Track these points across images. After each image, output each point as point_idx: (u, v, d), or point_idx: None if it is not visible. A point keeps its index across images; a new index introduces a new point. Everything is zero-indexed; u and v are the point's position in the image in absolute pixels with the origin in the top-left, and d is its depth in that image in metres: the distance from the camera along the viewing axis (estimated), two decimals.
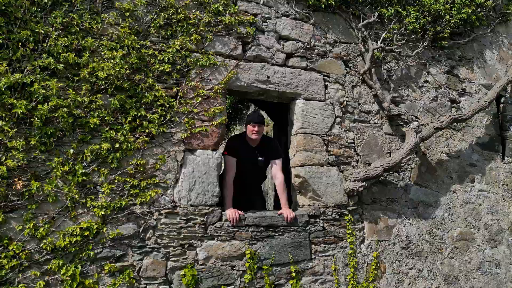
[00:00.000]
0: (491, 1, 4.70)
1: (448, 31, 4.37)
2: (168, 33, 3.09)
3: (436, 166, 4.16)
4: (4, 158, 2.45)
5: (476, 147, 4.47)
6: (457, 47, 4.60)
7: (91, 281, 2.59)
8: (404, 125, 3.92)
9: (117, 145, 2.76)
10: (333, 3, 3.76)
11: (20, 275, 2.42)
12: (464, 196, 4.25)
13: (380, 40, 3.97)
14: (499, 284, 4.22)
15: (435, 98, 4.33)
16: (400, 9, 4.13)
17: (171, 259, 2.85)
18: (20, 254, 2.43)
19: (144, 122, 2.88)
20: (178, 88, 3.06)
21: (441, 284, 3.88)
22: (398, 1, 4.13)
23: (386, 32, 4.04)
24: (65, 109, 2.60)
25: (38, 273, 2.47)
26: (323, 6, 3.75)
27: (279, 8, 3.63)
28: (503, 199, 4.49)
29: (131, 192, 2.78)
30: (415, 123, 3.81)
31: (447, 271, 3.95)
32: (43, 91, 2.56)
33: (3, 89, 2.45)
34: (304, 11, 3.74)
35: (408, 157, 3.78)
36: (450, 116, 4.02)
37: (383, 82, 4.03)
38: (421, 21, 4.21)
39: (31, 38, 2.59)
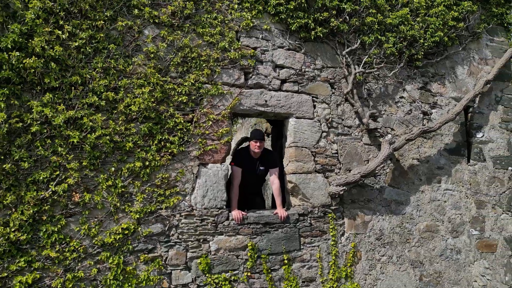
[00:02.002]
0: (463, 23, 5.38)
1: (422, 52, 5.06)
2: (184, 69, 3.80)
3: (408, 170, 4.93)
4: (64, 177, 3.22)
5: (444, 153, 5.23)
6: (430, 65, 5.29)
7: (130, 268, 3.41)
8: (380, 137, 4.67)
9: (146, 163, 3.53)
10: (321, 35, 4.45)
11: (79, 264, 3.24)
12: (431, 195, 5.05)
13: (362, 64, 4.67)
14: (459, 268, 5.06)
15: (409, 112, 5.07)
16: (380, 36, 4.81)
17: (189, 251, 3.67)
18: (79, 248, 3.24)
19: (167, 144, 3.63)
20: (193, 115, 3.80)
21: (407, 268, 4.72)
22: (378, 29, 4.80)
23: (367, 56, 4.74)
24: (107, 137, 3.36)
25: (92, 263, 3.28)
26: (312, 37, 4.43)
27: (275, 41, 4.33)
28: (466, 196, 5.29)
29: (158, 199, 3.56)
30: (389, 136, 4.56)
31: (414, 257, 4.79)
32: (91, 123, 3.31)
33: (61, 123, 3.19)
34: (296, 42, 4.43)
35: (382, 165, 4.55)
36: (420, 129, 4.77)
37: (364, 100, 4.76)
38: (398, 45, 4.89)
39: (79, 81, 3.31)
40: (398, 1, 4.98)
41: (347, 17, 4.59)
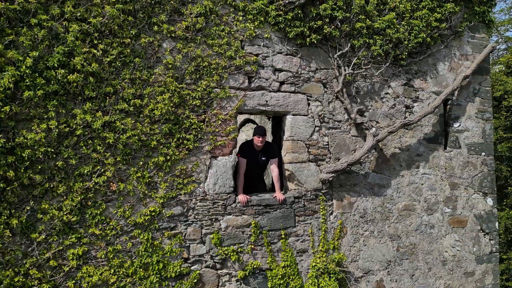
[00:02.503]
0: (446, 24, 5.95)
1: (406, 52, 5.67)
2: (197, 76, 4.47)
3: (390, 158, 5.67)
4: (103, 170, 3.97)
5: (423, 141, 5.95)
6: (414, 63, 5.90)
7: (157, 242, 4.22)
8: (366, 130, 5.38)
9: (168, 157, 4.27)
10: (315, 41, 5.06)
11: (117, 239, 4.05)
12: (410, 179, 5.81)
13: (351, 66, 5.30)
14: (432, 240, 5.90)
15: (393, 106, 5.74)
16: (368, 39, 5.41)
17: (204, 228, 4.47)
18: (116, 227, 4.04)
19: (184, 141, 4.36)
20: (205, 115, 4.50)
21: (387, 241, 5.56)
22: (367, 33, 5.39)
23: (356, 58, 5.36)
24: (136, 137, 4.08)
25: (127, 238, 4.09)
26: (308, 43, 5.05)
27: (275, 48, 4.95)
28: (441, 179, 6.05)
29: (178, 187, 4.33)
30: (374, 129, 5.27)
31: (392, 232, 5.62)
32: (122, 126, 4.02)
33: (99, 127, 3.91)
34: (293, 48, 5.05)
35: (367, 154, 5.29)
36: (401, 122, 5.47)
37: (352, 97, 5.43)
38: (385, 47, 5.50)
39: (112, 91, 4.00)
40: (386, 6, 5.53)
41: (339, 24, 5.18)
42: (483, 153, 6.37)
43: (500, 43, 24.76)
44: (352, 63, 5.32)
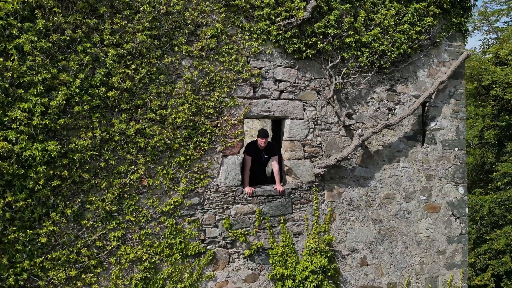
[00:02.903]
0: (425, 36, 6.78)
1: (389, 62, 6.52)
2: (211, 89, 5.31)
3: (374, 154, 6.59)
4: (136, 168, 4.85)
5: (403, 139, 6.86)
6: (397, 71, 6.76)
7: (180, 226, 5.15)
8: (353, 131, 6.27)
9: (187, 157, 5.15)
10: (310, 55, 5.89)
11: (148, 224, 4.98)
12: (391, 171, 6.75)
13: (341, 75, 6.16)
14: (409, 224, 6.89)
15: (378, 109, 6.63)
16: (356, 52, 6.25)
17: (217, 215, 5.41)
18: (147, 214, 4.95)
19: (200, 143, 5.24)
20: (217, 121, 5.36)
21: (370, 224, 6.54)
22: (355, 47, 6.22)
23: (345, 68, 6.21)
24: (162, 141, 4.95)
25: (156, 223, 5.02)
26: (304, 57, 5.88)
27: (276, 61, 5.79)
28: (419, 171, 6.99)
29: (196, 181, 5.24)
30: (360, 130, 6.17)
31: (375, 217, 6.59)
32: (150, 132, 4.89)
33: (132, 133, 4.77)
34: (291, 61, 5.88)
35: (353, 151, 6.19)
36: (384, 123, 6.36)
37: (342, 102, 6.29)
38: (370, 58, 6.34)
39: (142, 103, 4.85)
40: (372, 22, 6.35)
41: (331, 39, 6.01)
42: (456, 148, 7.31)
43: (490, 32, 25.46)
44: (342, 73, 6.17)
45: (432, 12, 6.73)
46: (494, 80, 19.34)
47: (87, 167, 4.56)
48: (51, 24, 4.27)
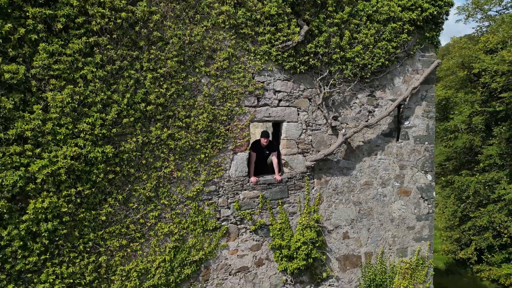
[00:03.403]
0: (400, 49, 8.12)
1: (369, 73, 7.90)
2: (224, 100, 6.73)
3: (355, 149, 8.06)
4: (167, 164, 6.35)
5: (381, 136, 8.31)
6: (376, 80, 8.14)
7: (201, 208, 6.69)
8: (338, 131, 7.72)
9: (206, 155, 6.63)
10: (303, 70, 7.27)
11: (177, 206, 6.51)
12: (370, 163, 8.23)
13: (329, 86, 7.55)
14: (384, 205, 8.43)
15: (359, 112, 8.05)
16: (341, 66, 7.61)
17: (229, 199, 6.94)
18: (176, 199, 6.48)
19: (216, 143, 6.70)
20: (229, 126, 6.81)
21: (351, 206, 8.08)
22: (340, 62, 7.58)
23: (332, 79, 7.59)
24: (187, 143, 6.42)
25: (183, 206, 6.56)
26: (298, 72, 7.26)
27: (275, 76, 7.18)
28: (393, 162, 8.48)
29: (213, 173, 6.74)
30: (343, 130, 7.62)
31: (356, 199, 8.12)
32: (178, 136, 6.35)
33: (165, 137, 6.23)
34: (288, 75, 7.27)
35: (338, 148, 7.66)
36: (363, 124, 7.80)
37: (329, 107, 7.71)
38: (353, 71, 7.72)
39: (172, 113, 6.29)
40: (355, 40, 7.68)
41: (320, 56, 7.37)
42: (426, 143, 8.78)
43: (484, 20, 26.41)
44: (330, 84, 7.57)
45: (407, 30, 8.06)
46: (484, 68, 20.51)
47: (132, 164, 6.05)
48: (105, 57, 5.67)
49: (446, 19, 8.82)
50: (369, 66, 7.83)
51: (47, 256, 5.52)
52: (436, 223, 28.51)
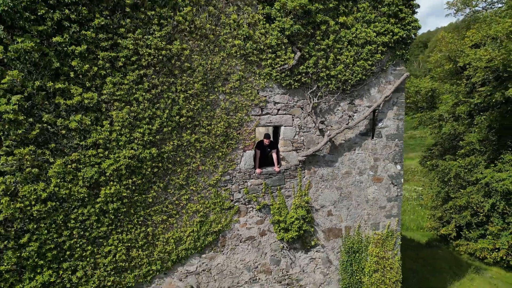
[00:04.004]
0: (375, 67, 10.18)
1: (350, 86, 9.98)
2: (236, 111, 8.87)
3: (338, 146, 10.23)
4: (194, 160, 8.55)
5: (359, 135, 10.47)
6: (355, 91, 10.22)
7: (219, 192, 8.94)
8: (324, 132, 9.87)
9: (223, 153, 8.82)
10: (297, 86, 9.37)
11: (202, 191, 8.76)
12: (350, 156, 10.42)
13: (317, 97, 9.65)
14: (361, 190, 10.67)
15: (341, 116, 10.17)
16: (327, 81, 9.69)
17: (240, 185, 9.18)
18: (201, 185, 8.71)
19: (230, 144, 8.88)
20: (239, 131, 8.97)
21: (334, 191, 10.32)
22: (326, 78, 9.66)
23: (320, 92, 9.69)
24: (209, 144, 8.61)
25: (206, 191, 8.80)
26: (293, 87, 9.36)
27: (275, 91, 9.28)
28: (369, 156, 10.66)
29: (228, 166, 8.95)
30: (328, 131, 9.77)
31: (338, 185, 10.36)
32: (202, 139, 8.53)
33: (193, 141, 8.41)
34: (285, 90, 9.37)
35: (324, 145, 9.83)
36: (344, 127, 9.95)
37: (318, 114, 9.84)
38: (337, 85, 9.80)
39: (198, 123, 8.45)
40: (338, 60, 9.74)
41: (310, 75, 9.46)
42: (396, 140, 10.94)
43: (471, 14, 28.09)
44: (317, 95, 9.68)
45: (380, 50, 10.11)
46: (468, 62, 22.42)
47: (170, 161, 8.26)
48: (151, 84, 7.78)
49: (414, 39, 10.83)
50: (350, 80, 9.91)
51: (113, 227, 7.80)
52: (424, 202, 31.01)
